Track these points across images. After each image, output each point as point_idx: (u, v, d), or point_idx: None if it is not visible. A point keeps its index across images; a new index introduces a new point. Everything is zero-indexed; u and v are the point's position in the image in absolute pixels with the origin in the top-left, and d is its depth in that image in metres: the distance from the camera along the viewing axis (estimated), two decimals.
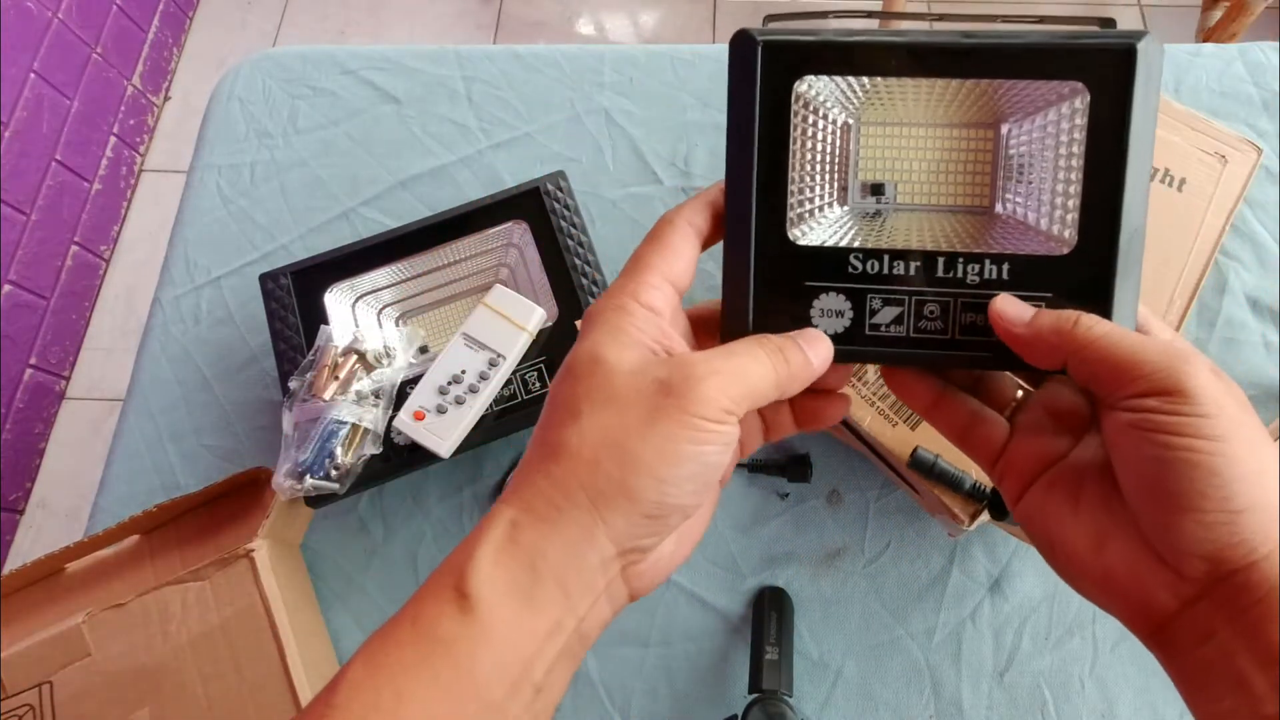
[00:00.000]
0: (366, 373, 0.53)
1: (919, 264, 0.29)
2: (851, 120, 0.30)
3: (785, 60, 0.29)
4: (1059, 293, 0.28)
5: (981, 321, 0.28)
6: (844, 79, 0.29)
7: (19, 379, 1.32)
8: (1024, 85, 0.28)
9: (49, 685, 0.47)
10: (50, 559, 0.51)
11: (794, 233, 0.29)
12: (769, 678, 0.48)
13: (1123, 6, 1.71)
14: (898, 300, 0.29)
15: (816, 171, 0.30)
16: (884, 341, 0.29)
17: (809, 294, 0.29)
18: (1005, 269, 0.28)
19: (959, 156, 0.30)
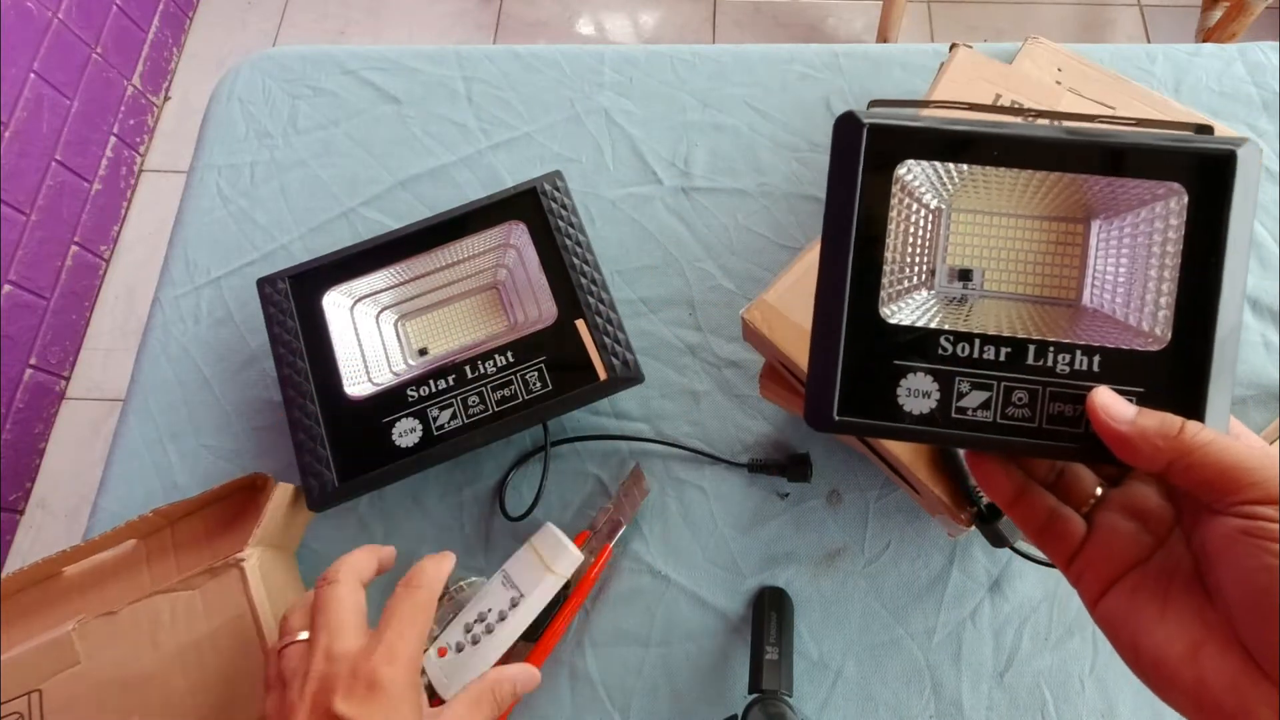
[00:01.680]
0: (454, 612, 0.51)
1: (1009, 350, 0.29)
2: (943, 205, 0.31)
3: (889, 143, 0.29)
4: (1150, 389, 0.28)
5: (1070, 412, 0.28)
6: (943, 165, 0.30)
7: (19, 379, 1.32)
8: (1120, 183, 0.29)
9: (39, 693, 0.47)
10: (48, 563, 0.51)
11: (885, 311, 0.29)
12: (769, 678, 0.48)
13: (1123, 7, 1.71)
14: (986, 385, 0.29)
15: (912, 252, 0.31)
16: (970, 426, 0.29)
17: (897, 374, 0.29)
18: (1096, 361, 0.28)
19: (1048, 248, 0.31)
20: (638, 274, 0.64)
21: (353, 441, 0.53)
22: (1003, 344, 0.29)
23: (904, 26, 1.61)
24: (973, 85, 0.60)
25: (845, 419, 0.29)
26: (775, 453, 0.58)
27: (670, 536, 0.56)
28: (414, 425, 0.53)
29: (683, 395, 0.59)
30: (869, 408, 0.29)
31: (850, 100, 0.70)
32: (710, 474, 0.57)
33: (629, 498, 0.55)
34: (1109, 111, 0.59)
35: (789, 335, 0.47)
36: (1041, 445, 0.28)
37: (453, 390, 0.54)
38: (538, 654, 0.51)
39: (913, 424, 0.29)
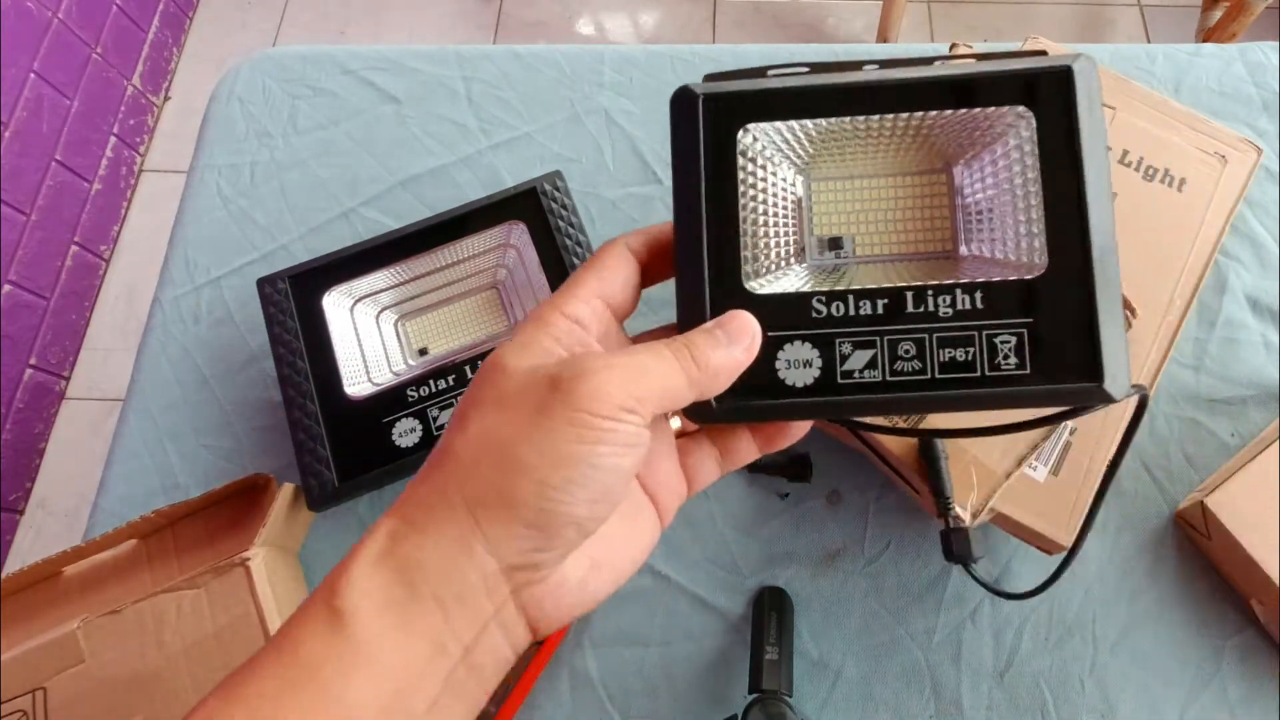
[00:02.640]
0: None
1: (887, 302, 0.27)
2: (802, 177, 0.30)
3: (727, 111, 0.28)
4: (1038, 317, 0.26)
5: (961, 357, 0.27)
6: (788, 128, 0.29)
7: (19, 379, 1.32)
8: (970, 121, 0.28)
9: (43, 691, 0.47)
10: (48, 563, 0.51)
11: (750, 285, 0.28)
12: (769, 678, 0.48)
13: (1123, 7, 1.71)
14: (869, 342, 0.27)
15: (770, 225, 0.30)
16: (860, 389, 0.27)
17: (773, 347, 0.27)
18: (979, 298, 0.27)
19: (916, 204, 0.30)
20: None
21: (353, 441, 0.53)
22: (879, 296, 0.27)
23: (904, 26, 1.61)
24: None
25: (726, 406, 0.27)
26: (775, 453, 0.58)
27: (670, 536, 0.56)
28: (414, 425, 0.53)
29: None
30: (750, 389, 0.27)
31: None
32: None
33: None
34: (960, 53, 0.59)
35: None
36: (937, 398, 0.27)
37: (453, 390, 0.54)
38: (540, 657, 0.51)
39: (799, 397, 0.27)
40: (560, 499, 0.23)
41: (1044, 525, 0.47)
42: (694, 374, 0.25)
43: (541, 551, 0.24)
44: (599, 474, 0.23)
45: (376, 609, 0.22)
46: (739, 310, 0.27)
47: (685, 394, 0.25)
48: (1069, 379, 0.26)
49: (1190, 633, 0.52)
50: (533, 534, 0.23)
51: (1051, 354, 0.26)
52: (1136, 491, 0.56)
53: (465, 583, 0.23)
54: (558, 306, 0.26)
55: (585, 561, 0.26)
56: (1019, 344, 0.26)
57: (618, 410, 0.23)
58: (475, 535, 0.23)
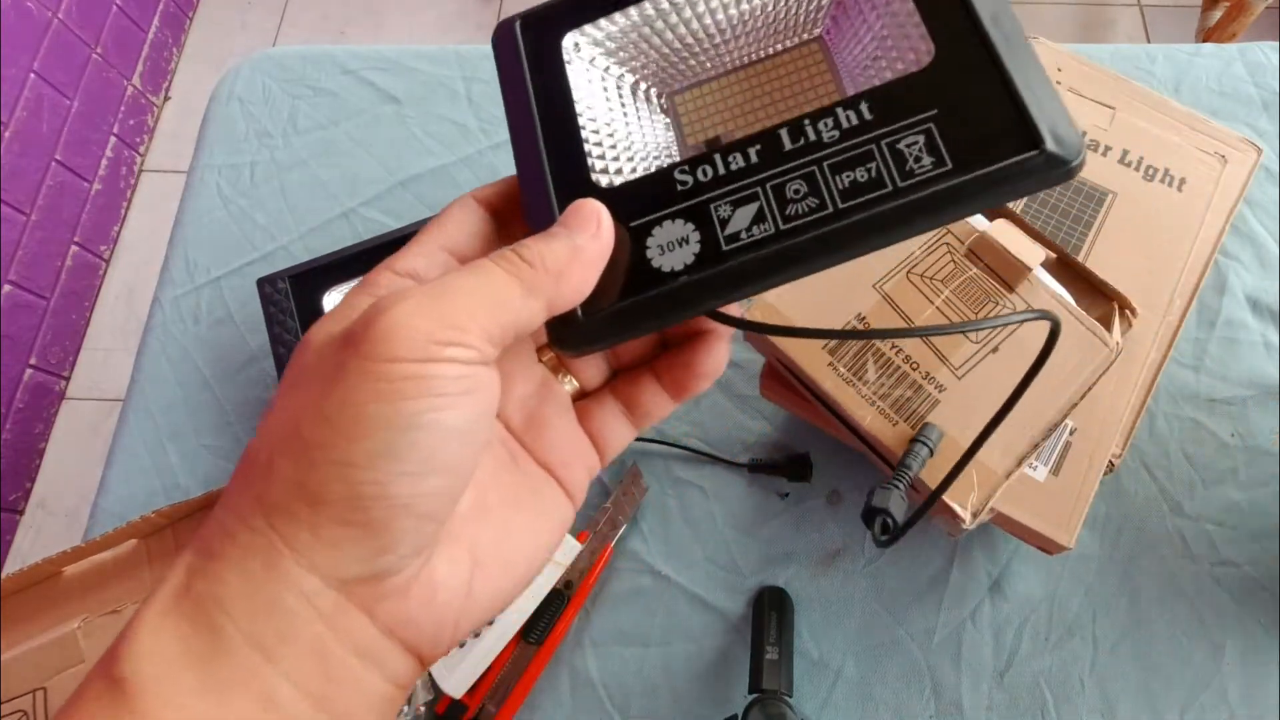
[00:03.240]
0: None
1: (759, 147, 0.23)
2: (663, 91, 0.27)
3: (545, 27, 0.26)
4: (943, 103, 0.22)
5: (864, 177, 0.22)
6: (618, 28, 0.26)
7: (19, 379, 1.32)
8: None
9: (43, 691, 0.47)
10: (48, 563, 0.51)
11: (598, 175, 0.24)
12: (769, 678, 0.48)
13: (1123, 7, 1.71)
14: (749, 194, 0.23)
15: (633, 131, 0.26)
16: (752, 247, 0.22)
17: (639, 236, 0.23)
18: (865, 109, 0.23)
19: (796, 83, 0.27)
20: None
21: None
22: (749, 144, 0.23)
23: None
24: None
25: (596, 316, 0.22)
26: (775, 453, 0.58)
27: (670, 536, 0.56)
28: None
29: None
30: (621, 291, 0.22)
31: None
32: (710, 474, 0.57)
33: (627, 497, 0.55)
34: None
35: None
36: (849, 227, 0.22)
37: None
38: (539, 657, 0.51)
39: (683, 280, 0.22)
40: (370, 479, 0.18)
41: (1044, 525, 0.47)
42: (528, 274, 0.20)
43: (375, 555, 0.18)
44: (418, 436, 0.18)
45: (170, 669, 0.17)
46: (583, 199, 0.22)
47: (525, 305, 0.20)
48: (1003, 155, 0.21)
49: (1190, 633, 0.52)
50: (352, 533, 0.18)
51: (972, 136, 0.22)
52: (1136, 491, 0.56)
53: (283, 612, 0.18)
54: (388, 265, 0.22)
55: (464, 560, 0.20)
56: (929, 140, 0.22)
57: (427, 346, 0.18)
58: (279, 551, 0.18)
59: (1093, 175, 0.56)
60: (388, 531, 0.18)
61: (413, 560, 0.19)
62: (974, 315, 0.46)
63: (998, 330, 0.45)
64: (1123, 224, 0.55)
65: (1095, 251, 0.54)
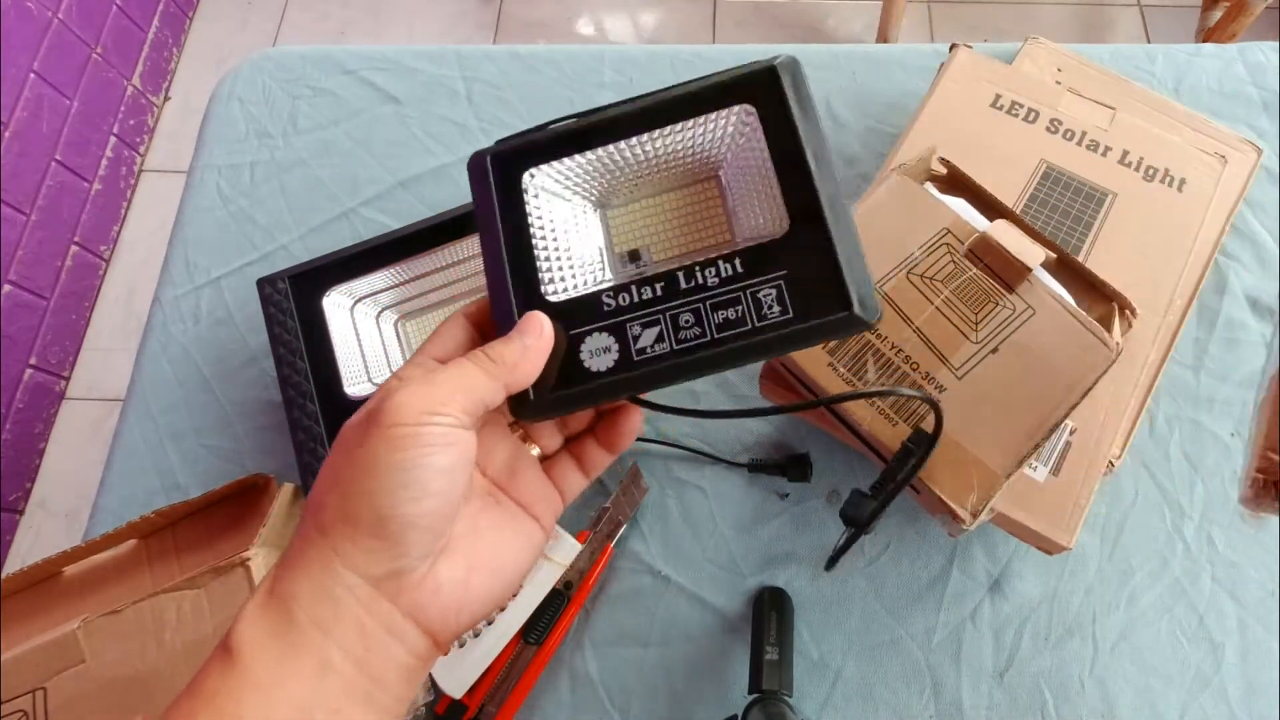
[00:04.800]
0: None
1: (663, 284, 0.31)
2: (597, 210, 0.36)
3: (511, 163, 0.34)
4: (791, 267, 0.30)
5: (734, 315, 0.30)
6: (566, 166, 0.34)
7: (19, 379, 1.32)
8: (714, 132, 0.33)
9: (43, 691, 0.47)
10: (48, 563, 0.51)
11: (549, 294, 0.32)
12: (769, 678, 0.48)
13: (1123, 7, 1.71)
14: (654, 320, 0.31)
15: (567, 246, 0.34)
16: (653, 360, 0.31)
17: (575, 342, 0.31)
18: (738, 263, 0.31)
19: (695, 210, 0.35)
20: None
21: None
22: (656, 281, 0.31)
23: (904, 27, 1.61)
24: (972, 85, 0.60)
25: (543, 398, 0.31)
26: (775, 453, 0.58)
27: (670, 536, 0.56)
28: None
29: (683, 395, 0.59)
30: (561, 382, 0.31)
31: (850, 100, 0.70)
32: (710, 474, 0.57)
33: (627, 496, 0.55)
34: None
35: None
36: (719, 354, 0.30)
37: None
38: (540, 657, 0.51)
39: (603, 379, 0.31)
40: (388, 504, 0.26)
41: (1044, 525, 0.47)
42: (490, 367, 0.29)
43: (396, 559, 0.27)
44: (418, 473, 0.26)
45: (262, 641, 0.26)
46: (531, 312, 0.31)
47: (488, 386, 0.28)
48: (825, 313, 0.29)
49: (1190, 633, 0.52)
50: (377, 543, 0.27)
51: (807, 295, 0.30)
52: (1136, 491, 0.56)
53: (334, 600, 0.26)
54: (398, 375, 0.30)
55: (460, 565, 0.29)
56: (779, 294, 0.30)
57: (420, 416, 0.27)
58: (331, 557, 0.27)
59: (1093, 175, 0.56)
60: (403, 541, 0.27)
61: (422, 563, 0.27)
62: (974, 315, 0.46)
63: (998, 331, 0.45)
64: (1123, 224, 0.55)
65: (1095, 251, 0.54)
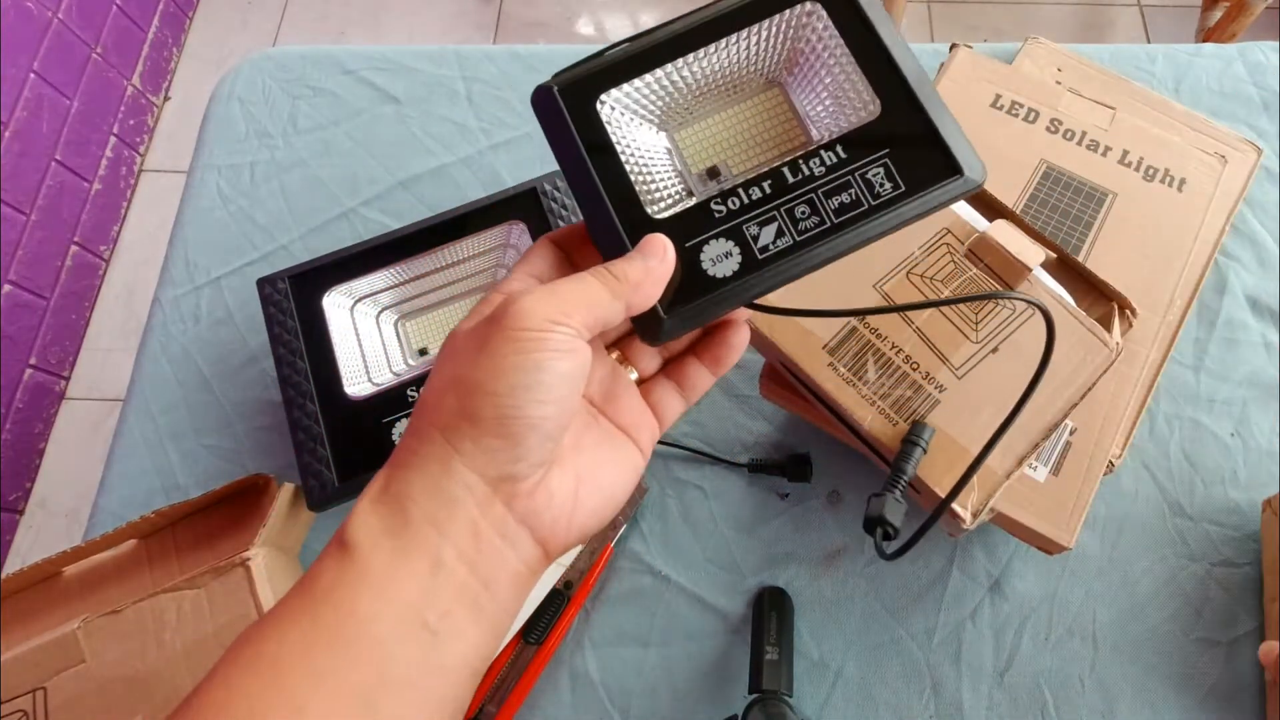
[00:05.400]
0: None
1: (770, 181, 0.32)
2: (664, 130, 0.35)
3: (581, 92, 0.33)
4: (894, 145, 0.31)
5: (848, 199, 0.31)
6: (638, 89, 0.33)
7: (19, 379, 1.32)
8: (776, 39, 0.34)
9: (43, 691, 0.47)
10: (48, 563, 0.51)
11: (652, 210, 0.32)
12: (769, 678, 0.48)
13: (1123, 7, 1.71)
14: (769, 217, 0.31)
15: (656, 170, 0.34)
16: (779, 255, 0.31)
17: (694, 252, 0.31)
18: (839, 149, 0.32)
19: (766, 118, 0.35)
20: None
21: (353, 441, 0.53)
22: (762, 180, 0.32)
23: (904, 26, 1.61)
24: (972, 85, 0.60)
25: (673, 317, 0.31)
26: (775, 453, 0.58)
27: (670, 536, 0.56)
28: None
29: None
30: (688, 294, 0.31)
31: None
32: (710, 474, 0.57)
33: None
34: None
35: (790, 335, 0.47)
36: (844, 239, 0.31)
37: None
38: (540, 657, 0.51)
39: (733, 283, 0.31)
40: (512, 403, 0.26)
41: (1044, 525, 0.47)
42: (614, 285, 0.29)
43: (515, 461, 0.27)
44: (541, 376, 0.26)
45: (376, 537, 0.26)
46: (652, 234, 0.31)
47: (610, 304, 0.28)
48: (937, 180, 0.31)
49: (1190, 633, 0.52)
50: (498, 442, 0.26)
51: (916, 167, 0.31)
52: (1137, 491, 0.56)
53: (450, 499, 0.26)
54: (496, 288, 0.30)
55: (570, 476, 0.29)
56: (888, 171, 0.31)
57: (545, 323, 0.27)
58: (451, 456, 0.26)
59: (1093, 175, 0.56)
60: (523, 443, 0.27)
61: (538, 469, 0.28)
62: (974, 315, 0.46)
63: (998, 331, 0.45)
64: (1123, 224, 0.55)
65: (1095, 251, 0.54)
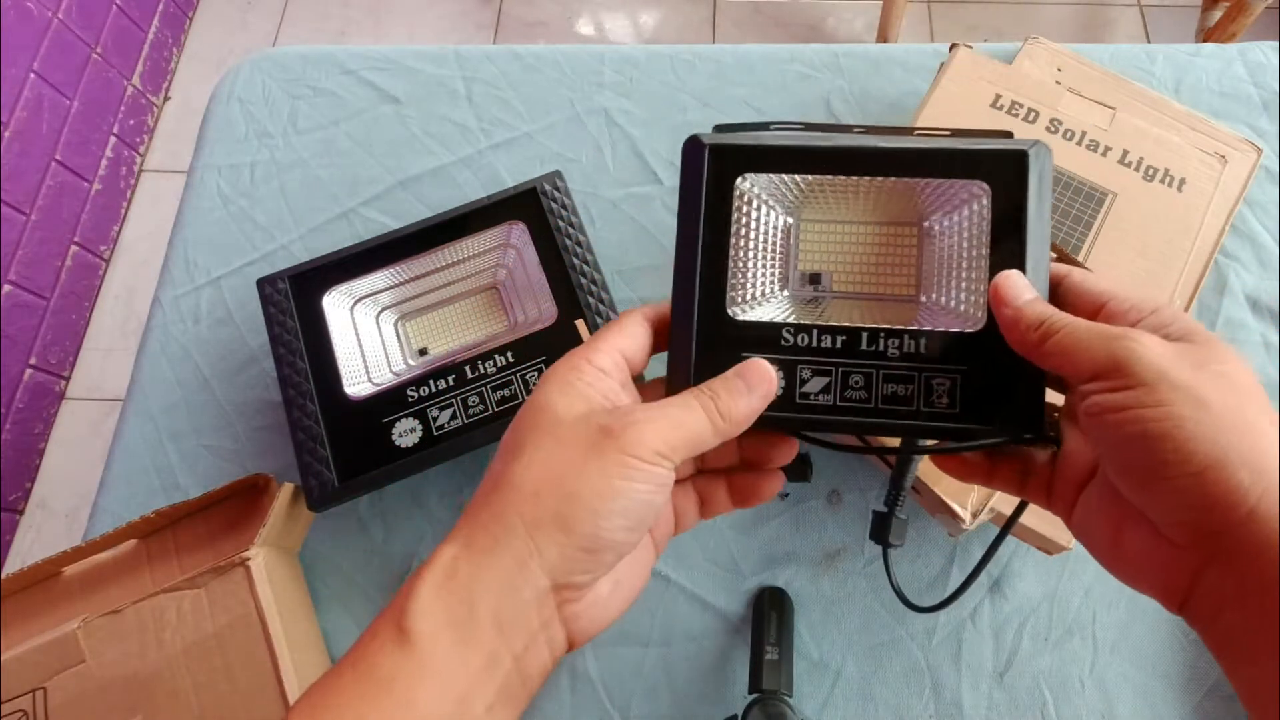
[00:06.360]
0: None
1: (845, 338, 0.31)
2: (791, 217, 0.34)
3: (729, 160, 0.33)
4: (970, 366, 0.30)
5: (903, 392, 0.31)
6: (780, 178, 0.33)
7: (19, 379, 1.32)
8: (936, 185, 0.32)
9: (43, 691, 0.47)
10: (48, 563, 0.51)
11: (733, 310, 0.32)
12: (769, 678, 0.48)
13: (1123, 7, 1.71)
14: (825, 371, 0.31)
15: (759, 259, 0.34)
16: (813, 409, 0.31)
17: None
18: (923, 343, 0.31)
19: (887, 250, 0.34)
20: (638, 274, 0.64)
21: (353, 441, 0.53)
22: (838, 333, 0.31)
23: (904, 26, 1.61)
24: (973, 85, 0.60)
25: None
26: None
27: None
28: (414, 425, 0.53)
29: None
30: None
31: (850, 100, 0.70)
32: None
33: None
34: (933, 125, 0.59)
35: None
36: (877, 424, 0.31)
37: (453, 390, 0.54)
38: None
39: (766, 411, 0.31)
40: (607, 525, 0.27)
41: (1044, 526, 0.47)
42: (719, 424, 0.29)
43: (586, 573, 0.27)
44: (637, 506, 0.27)
45: (440, 628, 0.25)
46: (757, 359, 0.31)
47: (710, 441, 0.29)
48: (994, 423, 0.30)
49: (1190, 633, 0.52)
50: (582, 556, 0.27)
51: (978, 399, 0.30)
52: None
53: (520, 601, 0.26)
54: (587, 357, 0.30)
55: (611, 581, 0.30)
56: (952, 387, 0.30)
57: (655, 456, 0.27)
58: (533, 556, 0.26)
59: (1093, 175, 0.56)
60: (602, 559, 0.27)
61: (597, 579, 0.28)
62: None
63: None
64: (1123, 224, 0.55)
65: (1095, 251, 0.54)
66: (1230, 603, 0.23)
